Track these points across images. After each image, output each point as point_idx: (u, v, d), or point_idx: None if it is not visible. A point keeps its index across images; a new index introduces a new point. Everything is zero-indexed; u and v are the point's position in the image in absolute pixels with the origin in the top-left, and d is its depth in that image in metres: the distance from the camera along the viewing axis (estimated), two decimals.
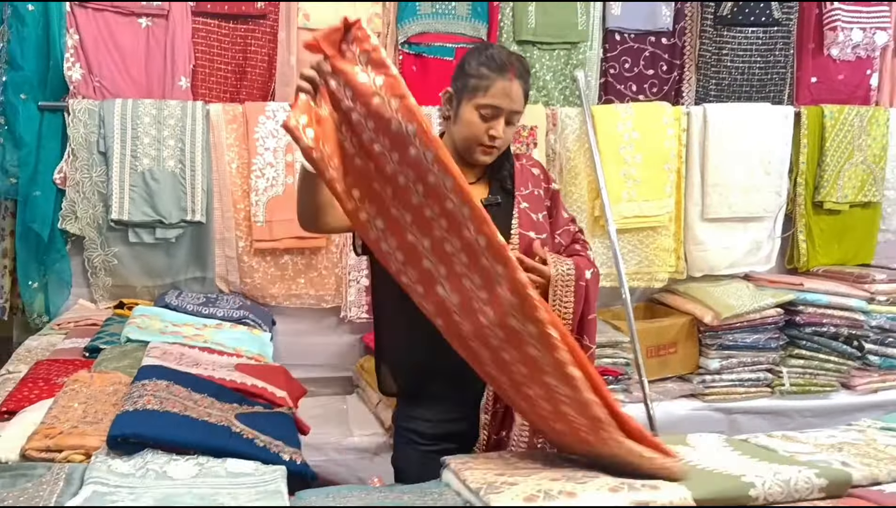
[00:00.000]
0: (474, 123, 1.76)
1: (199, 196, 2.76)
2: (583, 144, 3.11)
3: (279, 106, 2.85)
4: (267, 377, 2.07)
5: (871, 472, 1.34)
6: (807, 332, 3.13)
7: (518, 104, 1.78)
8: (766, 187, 3.25)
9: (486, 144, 1.77)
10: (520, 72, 1.78)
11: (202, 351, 2.18)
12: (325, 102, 1.45)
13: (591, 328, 1.86)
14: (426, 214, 1.40)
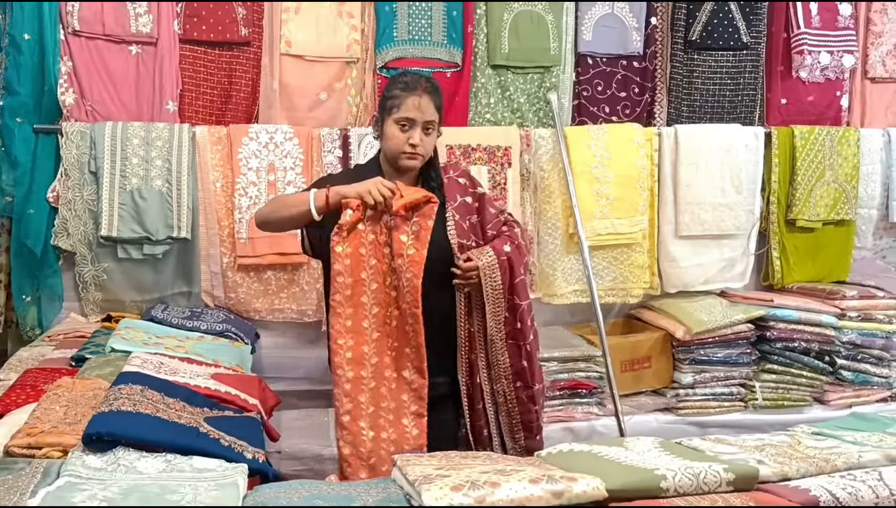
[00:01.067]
0: (395, 136, 2.08)
1: (185, 214, 2.88)
2: (556, 164, 3.21)
3: (262, 128, 2.98)
4: (241, 386, 2.17)
5: (781, 469, 1.43)
6: (778, 347, 3.19)
7: (429, 115, 2.08)
8: (738, 205, 3.34)
9: (408, 151, 2.07)
10: (428, 89, 2.09)
11: (182, 361, 2.28)
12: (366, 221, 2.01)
13: (521, 288, 2.17)
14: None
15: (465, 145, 3.15)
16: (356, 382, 2.00)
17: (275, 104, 3.09)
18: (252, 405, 2.05)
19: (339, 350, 1.99)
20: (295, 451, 2.85)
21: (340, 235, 1.97)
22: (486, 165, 3.17)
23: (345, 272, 1.99)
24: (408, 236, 2.00)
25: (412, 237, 2.00)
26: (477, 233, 2.19)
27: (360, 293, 2.01)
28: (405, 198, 1.99)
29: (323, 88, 3.13)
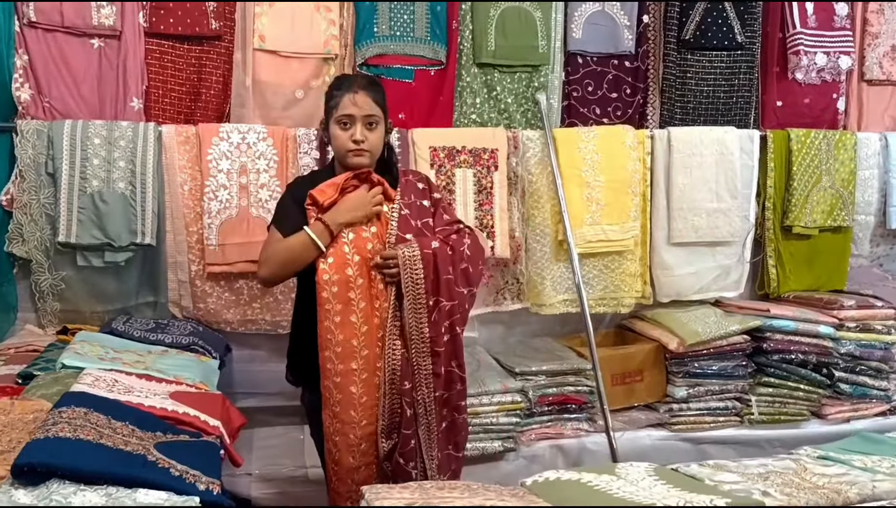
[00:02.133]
0: (339, 135, 2.13)
1: (150, 219, 2.70)
2: (545, 167, 3.07)
3: (233, 127, 2.81)
4: (202, 406, 2.01)
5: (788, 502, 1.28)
6: (774, 359, 3.07)
7: (367, 109, 2.11)
8: (733, 211, 3.21)
9: (353, 148, 2.10)
10: (364, 84, 2.15)
11: (139, 378, 2.12)
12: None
13: (446, 287, 2.12)
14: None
15: (449, 147, 3.00)
16: (346, 372, 2.06)
17: (247, 102, 2.91)
18: (213, 428, 1.88)
19: (329, 345, 2.04)
20: (267, 473, 2.69)
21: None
22: (472, 169, 3.02)
23: (330, 271, 2.05)
24: (371, 239, 2.13)
25: (375, 240, 2.13)
26: (425, 235, 2.18)
27: (348, 290, 2.05)
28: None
29: (299, 85, 2.96)
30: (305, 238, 2.04)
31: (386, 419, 2.10)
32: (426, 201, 2.22)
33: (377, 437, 2.10)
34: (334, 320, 2.04)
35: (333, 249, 2.07)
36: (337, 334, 2.05)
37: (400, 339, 2.10)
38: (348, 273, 2.06)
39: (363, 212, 2.10)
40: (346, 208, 2.08)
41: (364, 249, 2.09)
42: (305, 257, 2.06)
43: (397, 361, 2.09)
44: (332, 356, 2.05)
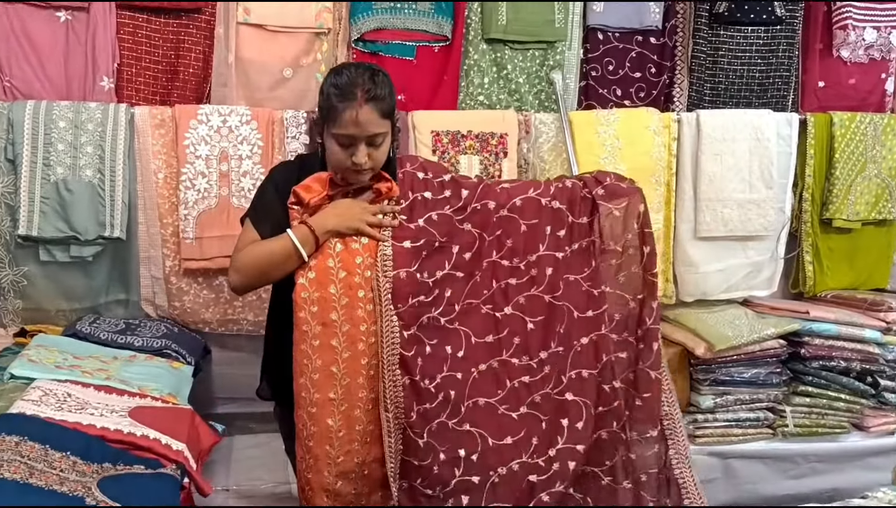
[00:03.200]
0: (336, 152, 1.77)
1: (120, 209, 2.45)
2: (559, 154, 2.78)
3: (213, 109, 2.54)
4: (165, 425, 1.76)
5: None
6: (813, 367, 2.77)
7: (372, 127, 1.74)
8: (767, 203, 2.90)
9: (352, 168, 1.77)
10: (371, 94, 1.73)
11: (98, 391, 1.87)
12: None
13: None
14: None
15: (453, 132, 2.71)
16: (323, 403, 1.81)
17: (230, 82, 2.65)
18: (175, 453, 1.63)
19: (305, 371, 1.80)
20: (245, 489, 2.44)
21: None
22: (479, 155, 2.74)
23: (310, 288, 1.78)
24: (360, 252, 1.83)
25: (365, 254, 1.84)
26: (430, 233, 1.90)
27: (329, 310, 1.79)
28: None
29: (287, 63, 2.68)
30: (287, 244, 1.76)
31: (394, 457, 1.84)
32: (428, 193, 1.90)
33: (361, 476, 1.86)
34: (312, 343, 1.78)
35: (316, 261, 1.79)
36: (314, 359, 1.79)
37: (401, 368, 1.82)
38: (331, 291, 1.79)
39: (355, 223, 1.80)
40: (338, 212, 1.80)
41: (352, 263, 1.81)
42: (285, 267, 1.78)
43: (400, 395, 1.82)
44: (308, 383, 1.79)
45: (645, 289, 2.01)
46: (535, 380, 1.97)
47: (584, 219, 2.00)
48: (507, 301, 1.96)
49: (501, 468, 1.89)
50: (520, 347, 1.96)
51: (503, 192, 1.97)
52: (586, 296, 2.00)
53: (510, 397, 1.93)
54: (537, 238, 1.97)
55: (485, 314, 1.93)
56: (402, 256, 1.83)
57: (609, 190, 2.02)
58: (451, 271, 1.90)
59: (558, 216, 1.98)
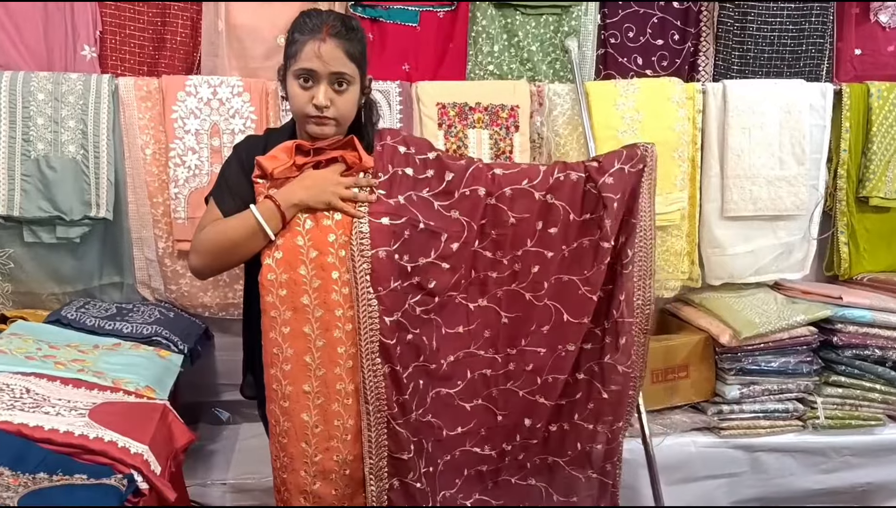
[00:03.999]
0: (297, 94, 1.63)
1: (105, 188, 2.30)
2: (575, 128, 2.59)
3: (203, 80, 2.37)
4: (129, 424, 1.59)
5: None
6: (846, 355, 2.58)
7: (336, 65, 1.60)
8: (799, 180, 2.70)
9: (313, 113, 1.62)
10: (335, 31, 1.60)
11: (65, 384, 1.72)
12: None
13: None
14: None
15: (461, 104, 2.53)
16: (297, 397, 1.67)
17: (221, 51, 2.47)
18: (133, 457, 1.47)
19: (275, 362, 1.65)
20: (242, 483, 2.31)
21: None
22: (488, 129, 2.56)
23: (277, 269, 1.62)
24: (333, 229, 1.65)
25: (339, 230, 1.65)
26: (412, 213, 1.72)
27: (300, 294, 1.62)
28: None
29: (281, 30, 2.48)
30: (250, 220, 1.60)
31: (375, 452, 1.71)
32: (409, 169, 1.72)
33: (342, 476, 1.72)
34: (282, 330, 1.63)
35: (284, 239, 1.62)
36: (285, 348, 1.64)
37: (381, 356, 1.67)
38: (301, 273, 1.62)
39: (327, 196, 1.62)
40: (306, 185, 1.62)
41: (324, 241, 1.64)
42: (249, 246, 1.62)
43: (381, 385, 1.69)
44: (279, 375, 1.65)
45: (614, 281, 1.86)
46: (496, 374, 1.86)
47: (587, 216, 1.83)
48: (484, 293, 1.83)
49: (447, 455, 1.84)
50: (488, 340, 1.85)
51: (494, 179, 1.78)
52: (581, 301, 1.85)
53: (467, 388, 1.84)
54: (525, 233, 1.81)
55: (458, 304, 1.80)
56: (381, 234, 1.65)
57: (616, 176, 1.84)
58: (437, 260, 1.74)
59: (553, 213, 1.81)
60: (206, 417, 2.62)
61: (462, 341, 1.82)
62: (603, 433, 1.93)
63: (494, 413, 1.87)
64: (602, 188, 1.81)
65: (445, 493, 1.86)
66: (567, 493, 1.97)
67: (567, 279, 1.84)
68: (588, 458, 1.95)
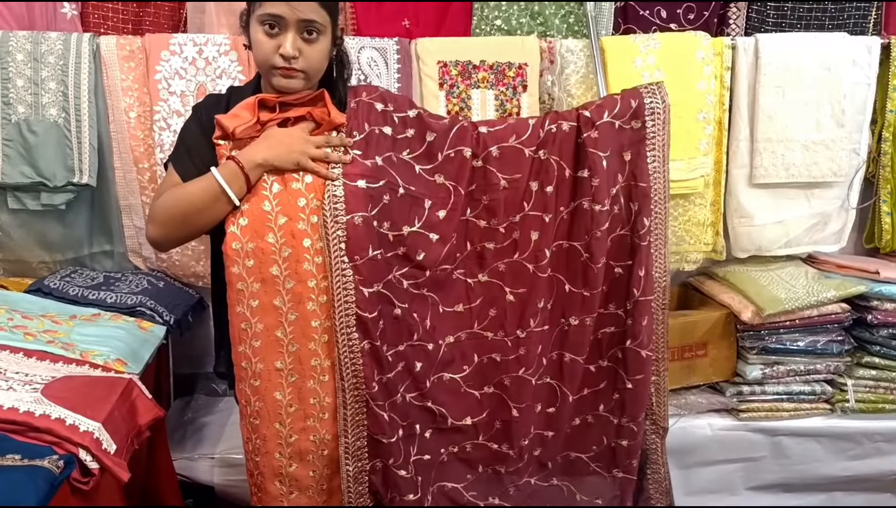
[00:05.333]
0: (261, 42, 1.47)
1: (87, 153, 2.21)
2: (589, 88, 2.40)
3: (188, 38, 2.24)
4: (83, 401, 1.51)
5: None
6: (882, 335, 2.37)
7: (305, 11, 1.44)
8: (838, 143, 2.46)
9: (280, 64, 1.47)
10: None
11: (29, 356, 1.66)
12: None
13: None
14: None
15: (464, 62, 2.35)
16: (268, 375, 1.57)
17: (208, 7, 2.35)
18: (82, 435, 1.39)
19: (244, 338, 1.54)
20: (231, 457, 2.23)
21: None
22: (494, 89, 2.38)
23: (243, 237, 1.49)
24: (303, 193, 1.52)
25: (309, 194, 1.52)
26: (391, 175, 1.59)
27: (269, 264, 1.50)
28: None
29: None
30: (211, 184, 1.46)
31: (351, 432, 1.61)
32: (388, 128, 1.57)
33: (320, 456, 1.63)
34: (250, 304, 1.51)
35: (249, 204, 1.49)
36: (255, 323, 1.53)
37: (358, 330, 1.56)
38: (269, 241, 1.50)
39: (295, 156, 1.49)
40: (270, 144, 1.48)
41: (294, 206, 1.50)
42: (212, 213, 1.48)
43: (358, 362, 1.58)
44: (249, 352, 1.54)
45: (633, 255, 1.71)
46: (507, 359, 1.72)
47: (582, 173, 1.66)
48: (483, 267, 1.70)
49: (453, 446, 1.73)
50: (495, 320, 1.71)
51: (479, 139, 1.64)
52: (583, 269, 1.70)
53: (475, 373, 1.72)
54: (520, 196, 1.67)
55: (455, 280, 1.68)
56: (357, 198, 1.52)
57: (604, 130, 1.65)
58: (423, 230, 1.61)
59: (546, 169, 1.66)
60: (202, 388, 2.56)
61: (463, 320, 1.70)
62: (628, 427, 1.79)
63: (509, 406, 1.74)
64: (587, 143, 1.64)
65: (445, 485, 1.74)
66: (592, 493, 1.84)
67: (567, 246, 1.71)
68: (613, 455, 1.82)
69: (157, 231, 1.50)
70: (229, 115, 1.49)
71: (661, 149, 1.69)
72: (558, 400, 1.77)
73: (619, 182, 1.69)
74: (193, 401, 2.50)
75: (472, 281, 1.69)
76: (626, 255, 1.71)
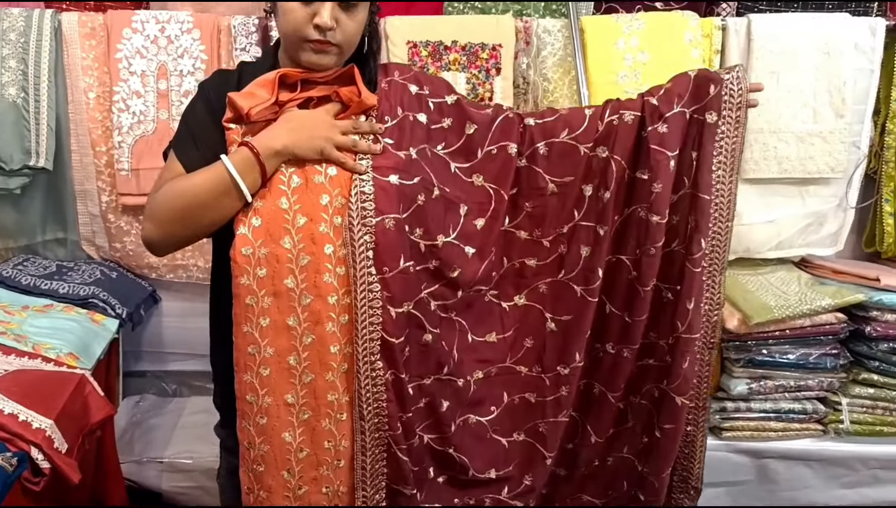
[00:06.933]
0: (293, 11, 1.22)
1: (45, 135, 2.18)
2: (567, 71, 2.26)
3: (150, 15, 2.19)
4: (36, 397, 1.49)
5: None
6: (881, 349, 2.17)
7: None
8: (836, 136, 2.26)
9: (313, 37, 1.22)
10: None
11: None
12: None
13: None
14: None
15: (434, 43, 2.25)
16: (277, 411, 1.30)
17: None
18: (34, 432, 1.35)
19: (251, 365, 1.27)
20: (180, 462, 2.17)
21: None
22: (465, 72, 2.27)
23: (255, 241, 1.24)
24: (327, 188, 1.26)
25: (334, 189, 1.27)
26: (425, 172, 1.33)
27: (284, 274, 1.25)
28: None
29: None
30: (220, 175, 1.21)
31: (370, 483, 1.37)
32: (422, 116, 1.33)
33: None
34: (259, 323, 1.26)
35: (264, 201, 1.24)
36: (264, 347, 1.27)
37: (383, 358, 1.31)
38: (285, 246, 1.24)
39: (318, 142, 1.25)
40: (291, 127, 1.24)
41: (315, 204, 1.25)
42: (219, 210, 1.22)
43: (382, 397, 1.33)
44: (255, 382, 1.28)
45: (681, 279, 1.39)
46: (544, 401, 1.45)
47: (643, 174, 1.36)
48: (521, 288, 1.44)
49: (469, 498, 1.46)
50: (531, 352, 1.45)
51: (526, 133, 1.38)
52: (628, 289, 1.41)
53: (504, 416, 1.45)
54: (571, 203, 1.40)
55: (487, 303, 1.43)
56: (388, 196, 1.27)
57: (674, 123, 1.35)
58: (459, 241, 1.36)
59: (605, 170, 1.38)
60: (150, 387, 2.52)
61: (495, 352, 1.44)
62: (650, 481, 1.51)
63: (543, 457, 1.47)
64: (651, 138, 1.35)
65: None
66: None
67: (615, 261, 1.42)
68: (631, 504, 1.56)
69: (154, 231, 1.24)
70: (243, 93, 1.24)
71: (730, 154, 1.36)
72: (578, 436, 1.52)
73: (685, 187, 1.38)
74: (142, 401, 2.45)
75: (507, 305, 1.44)
76: (675, 278, 1.41)
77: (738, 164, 1.38)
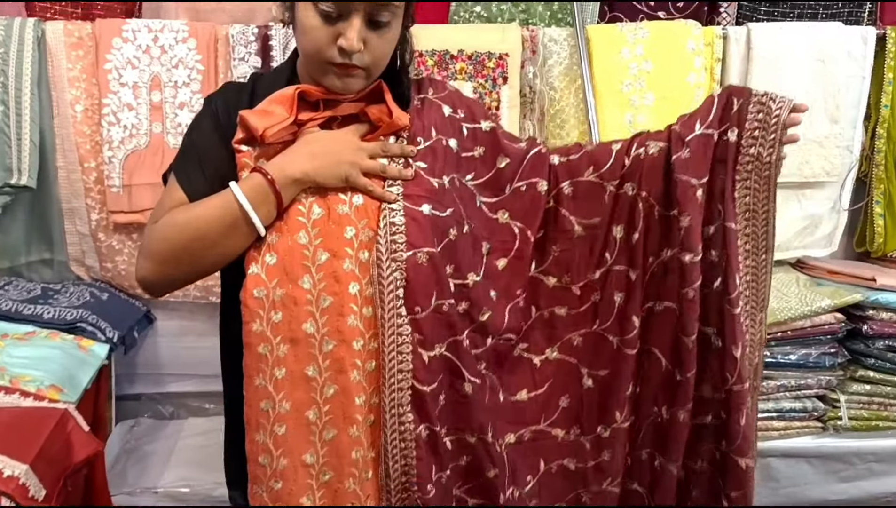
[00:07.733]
0: (314, 29, 1.06)
1: (28, 151, 2.03)
2: (573, 80, 2.26)
3: (143, 24, 2.07)
4: (12, 439, 1.36)
5: None
6: (878, 347, 2.25)
7: None
8: (831, 140, 2.34)
9: (337, 60, 1.06)
10: None
11: None
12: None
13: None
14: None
15: (440, 52, 2.21)
16: (294, 474, 1.14)
17: None
18: (6, 482, 1.23)
19: (263, 422, 1.11)
20: (176, 492, 2.06)
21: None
22: (472, 81, 2.23)
23: (269, 281, 1.09)
24: (352, 220, 1.11)
25: (359, 220, 1.12)
26: (449, 207, 1.18)
27: (303, 318, 1.10)
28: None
29: None
30: (229, 205, 1.06)
31: None
32: (454, 141, 1.20)
33: None
34: (274, 374, 1.10)
35: (280, 235, 1.09)
36: (279, 400, 1.11)
37: (414, 409, 1.15)
38: (304, 286, 1.09)
39: (343, 169, 1.09)
40: (313, 151, 1.09)
41: (339, 238, 1.10)
42: (227, 245, 1.08)
43: (411, 455, 1.16)
44: (270, 442, 1.12)
45: (722, 322, 1.21)
46: (583, 468, 1.31)
47: (673, 211, 1.21)
48: (553, 340, 1.30)
49: None
50: (568, 413, 1.30)
51: (551, 171, 1.26)
52: (674, 340, 1.24)
53: (541, 487, 1.31)
54: (599, 246, 1.27)
55: (517, 358, 1.29)
56: (421, 228, 1.13)
57: (696, 145, 1.20)
58: (485, 280, 1.23)
59: (632, 209, 1.24)
60: (146, 410, 2.40)
61: (528, 413, 1.29)
62: None
63: None
64: (676, 166, 1.19)
65: None
66: None
67: (656, 307, 1.26)
68: None
69: (151, 269, 1.09)
70: (257, 110, 1.09)
71: (762, 180, 1.20)
72: None
73: (718, 218, 1.20)
74: (137, 426, 2.33)
75: (539, 359, 1.30)
76: (717, 320, 1.23)
77: (773, 190, 1.21)
